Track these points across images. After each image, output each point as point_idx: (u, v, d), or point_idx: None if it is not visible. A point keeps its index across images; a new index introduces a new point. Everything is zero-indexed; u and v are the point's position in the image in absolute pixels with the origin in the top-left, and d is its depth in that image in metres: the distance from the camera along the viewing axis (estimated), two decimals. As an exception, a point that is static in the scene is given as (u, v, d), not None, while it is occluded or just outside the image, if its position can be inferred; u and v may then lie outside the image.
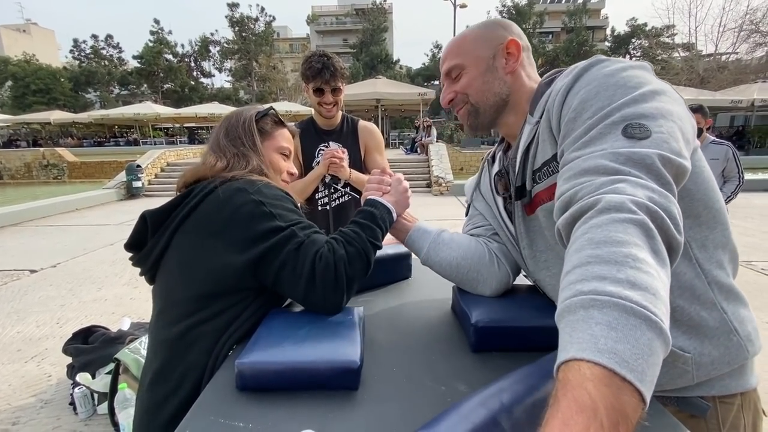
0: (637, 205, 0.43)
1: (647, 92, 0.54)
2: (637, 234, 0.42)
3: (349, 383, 0.61)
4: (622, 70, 0.57)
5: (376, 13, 41.30)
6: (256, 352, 0.62)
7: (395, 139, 22.56)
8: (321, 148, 1.77)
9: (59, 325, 2.93)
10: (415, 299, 1.00)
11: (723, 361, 0.63)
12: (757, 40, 20.58)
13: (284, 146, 1.00)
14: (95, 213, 7.70)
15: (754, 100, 14.62)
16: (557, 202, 0.53)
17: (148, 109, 20.64)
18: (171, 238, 0.81)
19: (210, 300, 0.77)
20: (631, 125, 0.51)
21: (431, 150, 10.72)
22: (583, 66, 0.62)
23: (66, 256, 4.69)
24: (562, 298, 0.42)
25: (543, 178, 0.69)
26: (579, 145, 0.55)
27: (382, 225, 0.85)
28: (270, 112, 1.00)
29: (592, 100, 0.56)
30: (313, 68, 1.60)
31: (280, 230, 0.76)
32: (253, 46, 37.38)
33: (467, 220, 0.98)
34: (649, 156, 0.48)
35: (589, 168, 0.50)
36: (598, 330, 0.35)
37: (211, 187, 0.80)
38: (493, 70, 0.76)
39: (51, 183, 14.03)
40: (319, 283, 0.74)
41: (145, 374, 0.82)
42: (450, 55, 0.79)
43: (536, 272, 0.80)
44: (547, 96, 0.68)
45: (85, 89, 37.31)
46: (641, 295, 0.37)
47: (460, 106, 0.81)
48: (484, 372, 0.66)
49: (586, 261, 0.41)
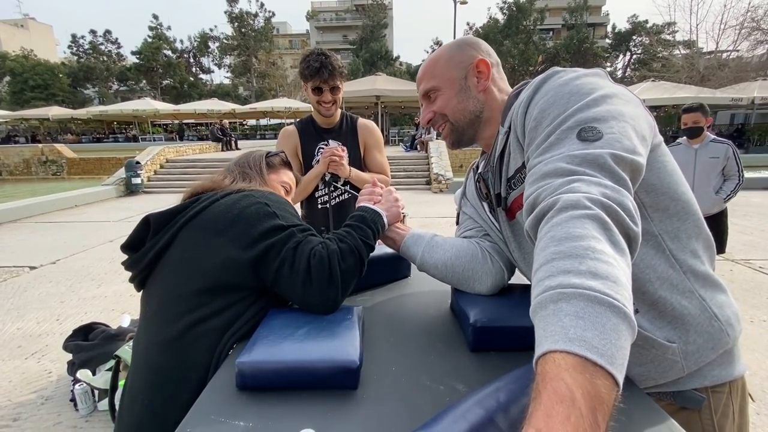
0: (592, 201, 0.46)
1: (598, 97, 0.58)
2: (594, 228, 0.44)
3: (348, 383, 0.61)
4: (576, 79, 0.62)
5: (376, 9, 41.11)
6: (256, 351, 0.62)
7: (395, 136, 22.53)
8: (321, 147, 1.77)
9: (59, 322, 2.94)
10: (414, 298, 1.00)
11: (707, 347, 0.65)
12: (758, 37, 20.53)
13: (286, 181, 1.11)
14: (94, 210, 7.69)
15: (754, 98, 14.60)
16: (525, 205, 0.57)
17: (147, 106, 20.59)
18: (174, 236, 0.83)
19: (211, 296, 0.78)
20: (584, 129, 0.55)
21: (431, 147, 10.71)
22: (541, 78, 0.67)
23: (65, 253, 4.69)
24: (533, 295, 0.44)
25: (517, 185, 0.73)
26: (540, 151, 0.59)
27: (373, 227, 0.89)
28: (281, 154, 1.14)
29: (549, 108, 0.61)
30: (311, 67, 1.59)
31: (282, 229, 0.80)
32: (253, 42, 37.22)
33: (459, 226, 1.00)
34: (602, 156, 0.51)
35: (549, 171, 0.54)
36: (567, 321, 0.37)
37: (219, 195, 0.86)
38: (466, 90, 0.81)
39: (50, 179, 14.00)
40: (315, 278, 0.77)
41: (130, 388, 0.81)
42: (425, 78, 0.84)
43: (529, 273, 0.82)
44: (514, 108, 0.72)
45: (84, 85, 37.15)
46: (603, 284, 0.39)
47: (440, 125, 0.86)
48: (482, 371, 0.67)
49: (551, 258, 0.44)
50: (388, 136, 21.14)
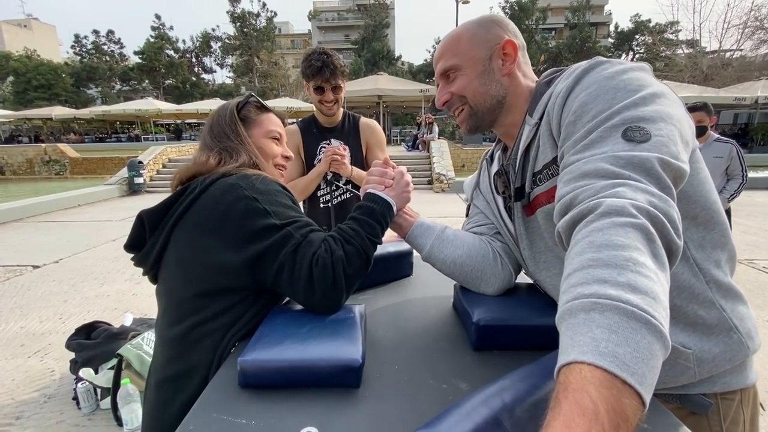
0: (638, 209, 0.44)
1: (647, 95, 0.54)
2: (638, 238, 0.42)
3: (350, 381, 0.61)
4: (622, 73, 0.57)
5: (378, 8, 41.10)
6: (258, 349, 0.62)
7: (397, 135, 22.52)
8: (323, 146, 1.77)
9: (62, 321, 2.95)
10: (417, 297, 1.00)
11: (724, 358, 0.64)
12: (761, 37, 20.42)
13: (272, 130, 0.97)
14: (97, 209, 7.72)
15: (757, 98, 14.51)
16: (557, 204, 0.54)
17: (150, 105, 20.62)
18: (169, 235, 0.80)
19: (210, 299, 0.76)
20: (630, 128, 0.51)
21: (433, 147, 10.69)
22: (584, 68, 0.62)
23: (68, 252, 4.71)
24: (563, 300, 0.42)
25: (543, 181, 0.69)
26: (579, 148, 0.55)
27: (382, 221, 0.83)
28: (251, 99, 0.97)
29: (592, 103, 0.57)
30: (313, 66, 1.59)
31: (276, 229, 0.75)
32: (255, 41, 37.26)
33: (468, 218, 0.97)
34: (649, 159, 0.48)
35: (589, 171, 0.51)
36: (599, 333, 0.36)
37: (205, 183, 0.79)
38: (490, 72, 0.75)
39: (53, 179, 14.05)
40: (318, 286, 0.73)
41: (152, 372, 0.82)
42: (445, 55, 0.77)
43: (536, 272, 0.80)
44: (546, 97, 0.68)
45: (87, 85, 37.28)
46: (642, 299, 0.37)
47: (458, 107, 0.79)
48: (485, 370, 0.67)
49: (587, 264, 0.42)
50: (390, 135, 21.13)
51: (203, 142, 0.91)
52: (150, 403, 0.80)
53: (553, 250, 0.75)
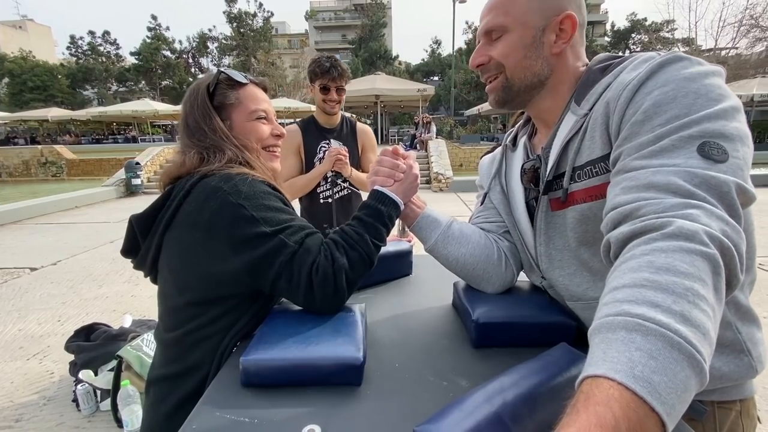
0: (711, 237, 0.41)
1: (729, 108, 0.50)
2: (705, 269, 0.39)
3: (352, 379, 0.61)
4: (704, 76, 0.52)
5: (375, 8, 41.08)
6: (260, 349, 0.62)
7: (395, 135, 22.52)
8: (323, 145, 1.88)
9: (60, 323, 2.94)
10: (416, 296, 1.00)
11: (731, 378, 0.63)
12: (757, 35, 20.55)
13: (255, 109, 0.84)
14: (95, 210, 7.69)
15: (753, 95, 14.59)
16: (612, 212, 0.50)
17: (147, 106, 20.55)
18: (161, 241, 0.77)
19: (205, 306, 0.75)
20: (708, 143, 0.47)
21: (431, 146, 10.70)
22: (659, 62, 0.55)
23: (66, 254, 4.69)
24: (603, 312, 0.40)
25: (584, 177, 0.63)
26: (646, 153, 0.50)
27: (389, 223, 0.80)
28: (221, 78, 0.83)
29: (667, 104, 0.51)
30: (322, 66, 1.73)
31: (267, 237, 0.70)
32: (252, 42, 37.19)
33: (480, 209, 0.91)
34: (727, 183, 0.44)
35: (659, 184, 0.46)
36: (638, 356, 0.34)
37: (188, 186, 0.73)
38: (539, 46, 0.67)
39: (50, 181, 13.99)
40: (318, 294, 0.71)
41: (150, 372, 0.83)
42: (494, 10, 0.68)
43: (549, 270, 0.76)
44: (602, 87, 0.62)
45: (83, 86, 37.15)
46: (692, 332, 0.35)
47: (492, 74, 0.71)
48: (486, 367, 0.67)
49: (641, 284, 0.39)
50: (387, 135, 21.12)
51: (182, 141, 0.83)
52: (147, 400, 0.81)
53: (573, 251, 0.70)
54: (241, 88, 0.84)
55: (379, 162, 0.84)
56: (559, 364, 0.54)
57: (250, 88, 0.86)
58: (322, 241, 0.75)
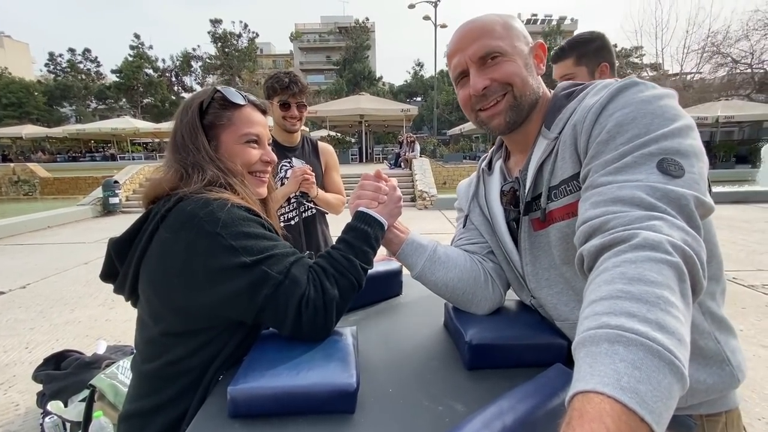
0: (674, 246, 0.43)
1: (683, 127, 0.54)
2: (671, 277, 0.41)
3: (345, 407, 0.59)
4: (659, 99, 0.56)
5: (359, 31, 42.11)
6: (249, 377, 0.60)
7: (379, 154, 22.74)
8: (284, 165, 1.81)
9: (28, 350, 2.78)
10: (407, 316, 0.99)
11: (716, 389, 0.65)
12: (718, 60, 21.89)
13: (247, 133, 0.81)
14: (69, 231, 7.41)
15: (718, 117, 15.45)
16: (583, 226, 0.52)
17: (127, 124, 20.24)
18: (137, 268, 0.73)
19: (183, 337, 0.71)
20: (666, 160, 0.51)
21: (415, 165, 10.84)
22: (619, 86, 0.60)
23: (36, 276, 4.47)
24: (584, 326, 0.41)
25: (559, 196, 0.67)
26: (611, 170, 0.53)
27: (376, 245, 0.79)
28: (215, 96, 0.80)
29: (628, 125, 0.55)
30: (281, 81, 1.67)
31: (247, 268, 0.65)
32: (236, 61, 37.41)
33: (462, 231, 0.92)
34: (685, 197, 0.48)
35: (624, 198, 0.49)
36: (623, 367, 0.35)
37: (163, 211, 0.70)
38: (530, 69, 0.71)
39: (21, 200, 13.47)
40: (307, 326, 0.67)
41: (124, 404, 0.78)
42: (485, 36, 0.69)
43: (537, 290, 0.77)
44: (569, 112, 0.66)
45: (60, 103, 36.39)
46: (668, 339, 0.37)
47: (498, 97, 0.71)
48: (480, 390, 0.66)
49: (617, 295, 0.41)
50: (372, 153, 21.32)
51: (167, 155, 0.80)
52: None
53: (558, 268, 0.72)
54: (236, 109, 0.81)
55: (362, 186, 0.83)
56: (555, 385, 0.54)
57: (247, 110, 0.83)
58: (310, 267, 0.71)
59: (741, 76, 21.90)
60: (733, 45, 21.02)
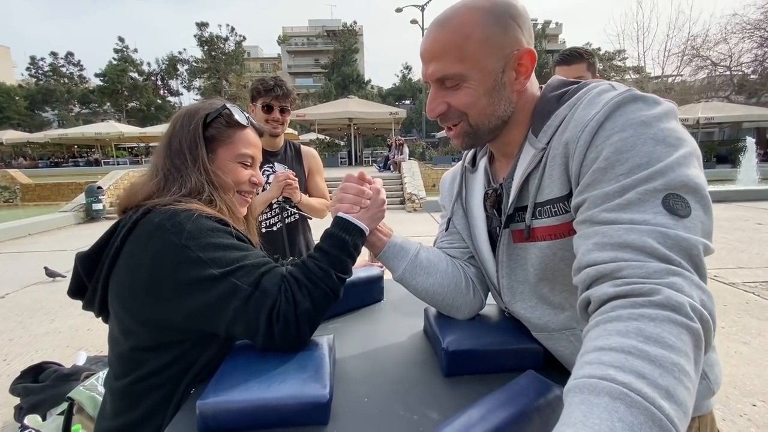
0: (694, 311, 0.42)
1: (686, 155, 0.51)
2: (689, 344, 0.40)
3: (318, 418, 0.58)
4: (659, 120, 0.52)
5: (347, 34, 42.19)
6: (218, 390, 0.59)
7: (368, 157, 22.76)
8: (266, 170, 1.79)
9: (6, 362, 2.69)
10: (388, 323, 0.98)
11: None
12: (698, 63, 22.45)
13: (243, 153, 0.82)
14: (50, 238, 7.23)
15: (699, 118, 15.83)
16: (589, 268, 0.49)
17: (111, 129, 19.88)
18: (106, 283, 0.72)
19: (153, 352, 0.69)
20: (672, 196, 0.48)
21: (404, 167, 10.86)
22: (616, 102, 0.54)
23: (15, 286, 4.35)
24: (586, 372, 0.39)
25: (545, 215, 0.63)
26: (614, 207, 0.50)
27: (354, 254, 0.75)
28: (224, 113, 0.81)
29: (628, 152, 0.51)
30: (266, 84, 1.68)
31: (216, 280, 0.64)
32: (223, 65, 37.12)
33: (444, 233, 0.89)
34: (696, 246, 0.46)
35: (634, 244, 0.47)
36: (620, 427, 0.34)
37: (130, 224, 0.69)
38: (501, 88, 0.63)
39: (2, 207, 13.09)
40: (279, 339, 0.66)
41: (98, 420, 0.76)
42: (447, 57, 0.62)
43: (512, 303, 0.75)
44: (559, 119, 0.61)
45: (42, 108, 35.63)
46: (675, 411, 0.36)
47: (454, 122, 0.68)
48: (456, 397, 0.66)
49: (630, 350, 0.39)
50: (361, 157, 21.32)
51: (154, 158, 0.79)
52: None
53: (532, 285, 0.71)
54: (239, 129, 0.83)
55: (343, 189, 0.79)
56: (528, 394, 0.54)
57: (248, 131, 0.85)
58: (282, 277, 0.69)
59: (720, 78, 22.50)
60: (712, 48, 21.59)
